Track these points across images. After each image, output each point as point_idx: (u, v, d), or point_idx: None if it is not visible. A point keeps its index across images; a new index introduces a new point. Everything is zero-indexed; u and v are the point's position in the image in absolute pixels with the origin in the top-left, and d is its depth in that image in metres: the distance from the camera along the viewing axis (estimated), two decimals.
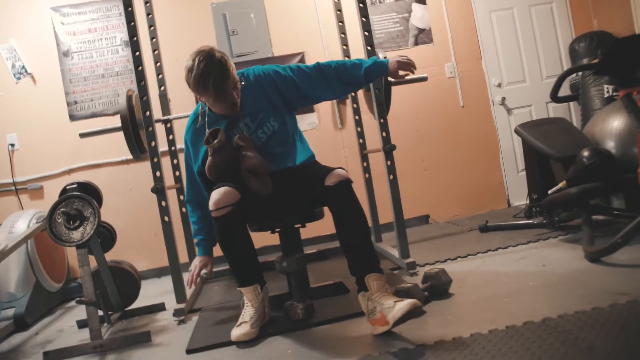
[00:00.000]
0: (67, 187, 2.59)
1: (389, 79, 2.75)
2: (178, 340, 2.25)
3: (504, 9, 4.37)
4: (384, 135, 2.72)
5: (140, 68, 2.63)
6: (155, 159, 2.64)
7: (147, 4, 3.23)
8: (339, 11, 3.36)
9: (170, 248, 2.66)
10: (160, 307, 2.84)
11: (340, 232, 2.02)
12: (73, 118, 3.95)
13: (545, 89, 3.65)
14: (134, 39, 2.63)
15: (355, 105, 3.42)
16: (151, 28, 3.26)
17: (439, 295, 2.17)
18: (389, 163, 2.72)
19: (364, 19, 2.75)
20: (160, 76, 3.31)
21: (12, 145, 3.90)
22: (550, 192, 2.91)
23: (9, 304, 2.99)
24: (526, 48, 4.38)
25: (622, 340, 1.47)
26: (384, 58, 2.38)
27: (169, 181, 3.18)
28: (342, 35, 3.39)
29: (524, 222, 3.30)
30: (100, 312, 2.59)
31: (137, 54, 2.63)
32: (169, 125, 3.37)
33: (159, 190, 2.62)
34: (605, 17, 4.29)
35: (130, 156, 2.97)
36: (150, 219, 3.64)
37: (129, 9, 2.61)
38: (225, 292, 2.93)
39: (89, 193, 2.52)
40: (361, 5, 2.76)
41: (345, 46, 3.40)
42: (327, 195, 2.00)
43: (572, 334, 1.57)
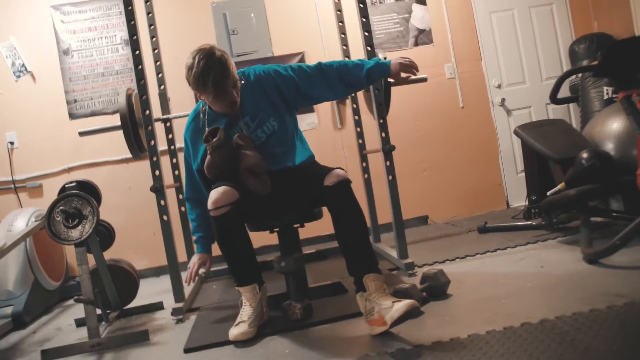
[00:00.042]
0: (66, 186, 2.59)
1: (389, 80, 2.75)
2: (176, 339, 2.25)
3: (504, 10, 4.37)
4: (383, 135, 2.72)
5: (140, 67, 2.64)
6: (154, 158, 2.65)
7: (148, 3, 3.22)
8: (339, 11, 3.36)
9: (169, 247, 2.66)
10: (158, 306, 2.84)
11: (338, 232, 2.02)
12: (73, 116, 3.95)
13: (545, 91, 3.65)
14: (134, 37, 2.63)
15: (354, 106, 3.42)
16: (151, 27, 3.26)
17: (437, 296, 2.17)
18: (388, 163, 2.72)
19: (364, 19, 2.75)
20: (160, 75, 3.31)
21: (12, 143, 3.90)
22: (549, 194, 2.91)
23: (7, 302, 2.99)
24: (526, 49, 4.38)
25: (620, 342, 1.48)
26: (384, 59, 2.38)
27: (168, 180, 3.18)
28: (342, 36, 3.39)
29: (523, 224, 3.30)
30: (99, 311, 2.59)
31: (137, 52, 2.63)
32: (168, 124, 3.37)
33: (157, 189, 2.62)
34: (605, 19, 4.29)
35: (130, 155, 2.97)
36: (149, 217, 3.64)
37: (129, 8, 2.62)
38: (224, 292, 2.93)
39: (88, 192, 2.52)
40: (361, 5, 2.76)
41: (345, 46, 3.40)
42: (326, 195, 2.00)
43: (570, 335, 1.57)
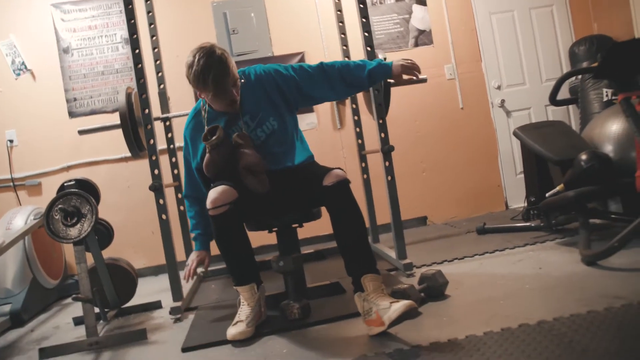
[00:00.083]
0: (65, 184, 2.59)
1: (388, 80, 2.75)
2: (174, 338, 2.25)
3: (504, 11, 4.37)
4: (382, 136, 2.72)
5: (139, 66, 2.64)
6: (153, 157, 2.65)
7: (148, 2, 3.22)
8: (339, 11, 3.36)
9: (168, 246, 2.66)
10: (156, 305, 2.84)
11: (337, 232, 2.02)
12: (72, 115, 3.95)
13: (545, 92, 3.65)
14: (134, 36, 2.63)
15: (354, 106, 3.42)
16: (151, 26, 3.26)
17: (435, 297, 2.17)
18: (387, 164, 2.72)
19: (364, 19, 2.75)
20: (159, 74, 3.31)
21: (11, 141, 3.90)
22: (548, 195, 2.91)
23: (6, 300, 2.99)
24: (526, 51, 4.38)
25: (617, 344, 1.48)
26: (384, 59, 2.38)
27: (167, 179, 3.18)
28: (342, 36, 3.39)
29: (522, 225, 3.30)
30: (97, 309, 2.59)
31: (137, 51, 2.63)
32: (167, 123, 3.37)
33: (156, 188, 2.62)
34: (605, 21, 4.29)
35: (129, 154, 2.97)
36: (147, 216, 3.64)
37: (130, 7, 2.62)
38: (222, 291, 2.93)
39: (87, 190, 2.52)
40: (361, 5, 2.76)
41: (345, 46, 3.40)
42: (325, 195, 2.00)
43: (567, 336, 1.57)
